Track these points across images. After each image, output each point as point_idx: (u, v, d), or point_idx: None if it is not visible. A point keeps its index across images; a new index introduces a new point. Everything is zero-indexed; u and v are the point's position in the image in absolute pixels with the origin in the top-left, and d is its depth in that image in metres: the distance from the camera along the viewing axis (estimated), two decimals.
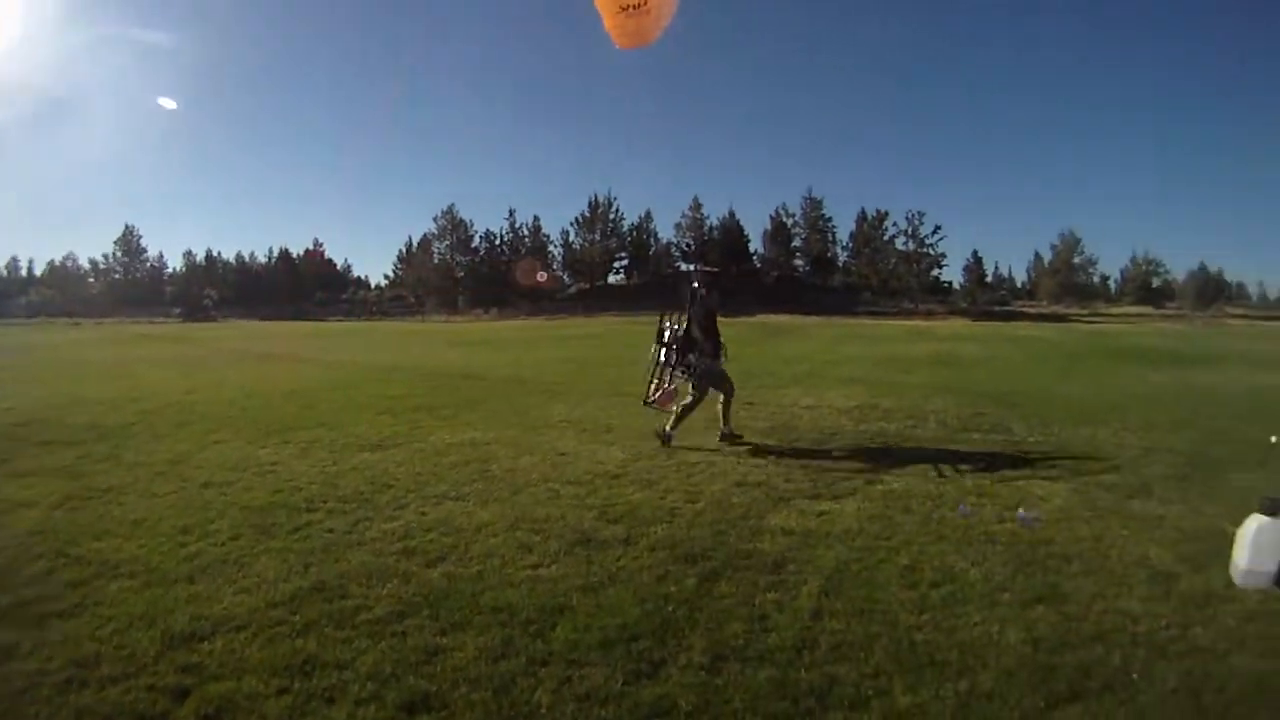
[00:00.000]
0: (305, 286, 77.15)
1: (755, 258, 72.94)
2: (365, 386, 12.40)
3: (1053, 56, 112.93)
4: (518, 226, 74.55)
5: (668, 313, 7.31)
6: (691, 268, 7.13)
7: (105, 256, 76.61)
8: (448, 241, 73.56)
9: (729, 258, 68.84)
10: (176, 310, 67.79)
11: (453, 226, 73.23)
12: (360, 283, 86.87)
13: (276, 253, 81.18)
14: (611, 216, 72.52)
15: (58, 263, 78.18)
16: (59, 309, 65.18)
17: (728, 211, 73.60)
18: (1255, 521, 3.71)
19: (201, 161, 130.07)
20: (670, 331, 7.12)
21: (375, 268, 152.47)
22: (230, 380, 13.69)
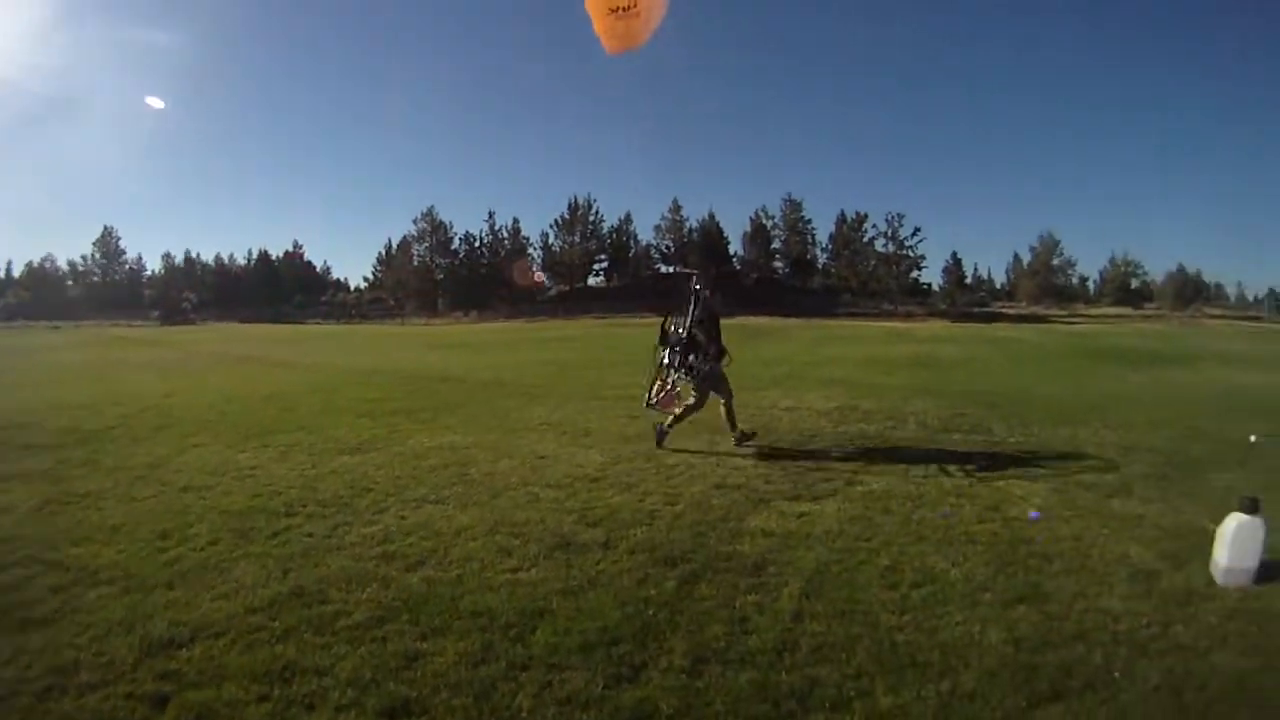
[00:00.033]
0: (284, 289, 76.63)
1: (735, 260, 72.96)
2: (344, 390, 12.31)
3: (1033, 59, 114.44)
4: (497, 229, 74.50)
5: (670, 315, 7.26)
6: (694, 270, 7.11)
7: (84, 258, 76.00)
8: (427, 244, 73.24)
9: (709, 259, 69.06)
10: (155, 313, 67.03)
11: (432, 228, 72.93)
12: (339, 285, 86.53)
13: (256, 255, 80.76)
14: (591, 218, 72.51)
15: (36, 264, 77.32)
16: (37, 312, 64.35)
17: (707, 213, 73.83)
18: (1235, 520, 3.74)
19: (180, 162, 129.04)
20: (673, 333, 7.08)
21: (355, 270, 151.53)
22: (209, 384, 13.58)
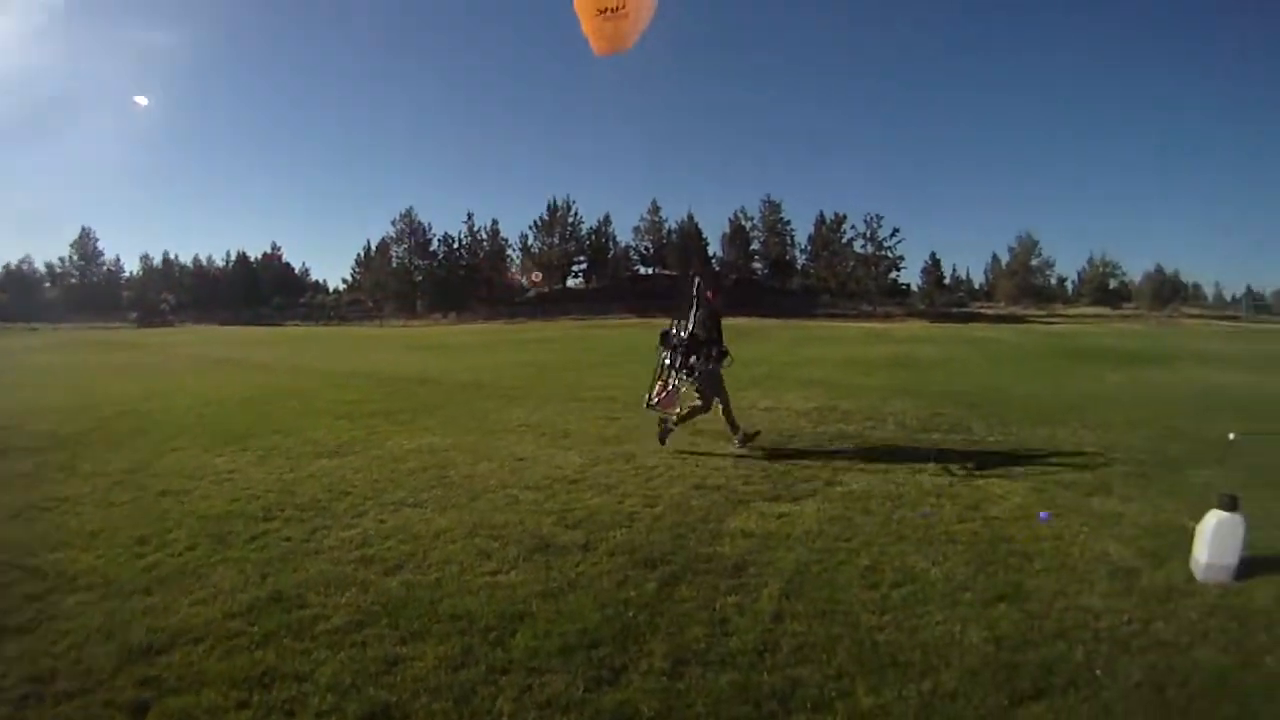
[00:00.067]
0: (263, 290, 76.07)
1: (714, 261, 72.96)
2: (323, 392, 12.22)
3: (1012, 61, 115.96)
4: (476, 230, 74.40)
5: (674, 316, 7.27)
6: (697, 273, 7.16)
7: (62, 260, 75.01)
8: (406, 245, 73.00)
9: (687, 261, 69.25)
10: (133, 315, 66.34)
11: (411, 230, 72.70)
12: (318, 287, 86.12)
13: (234, 256, 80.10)
14: (570, 220, 72.49)
15: (13, 266, 76.21)
16: (14, 313, 63.47)
17: (686, 215, 74.24)
18: (1214, 517, 3.78)
19: (158, 163, 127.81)
20: (675, 334, 7.09)
21: (333, 271, 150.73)
22: (187, 387, 13.44)
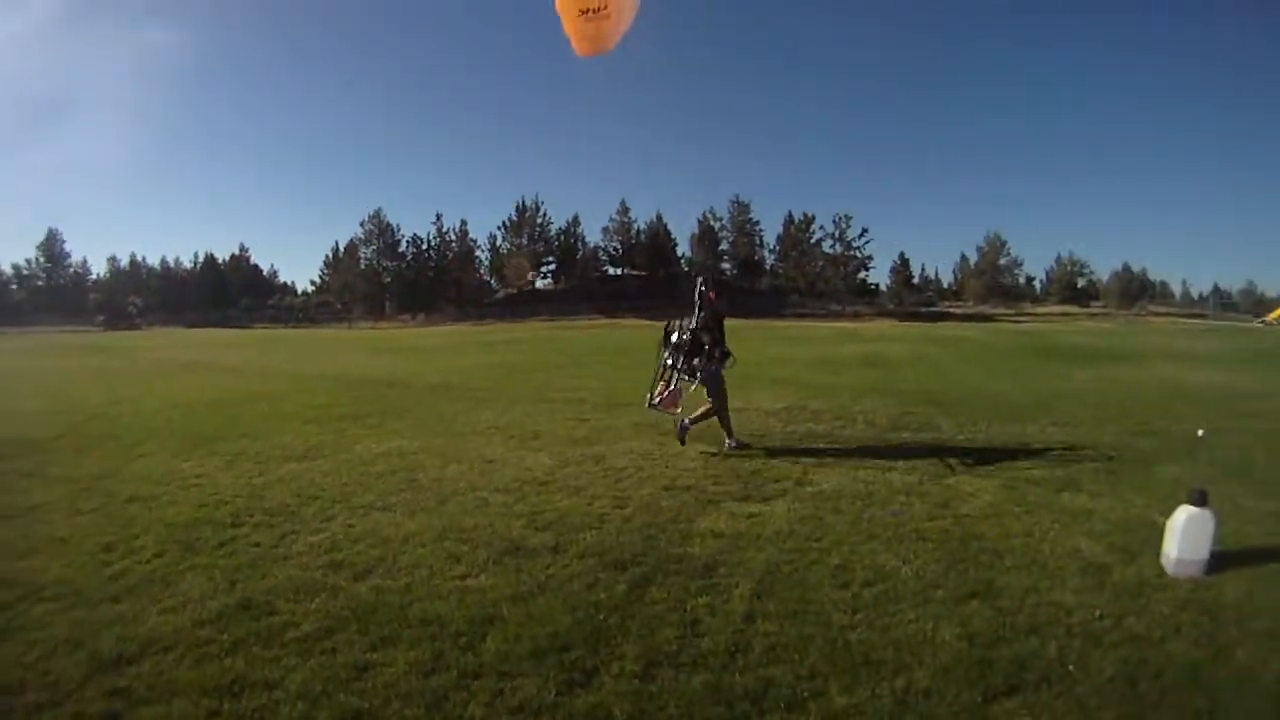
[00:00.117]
0: (230, 293, 75.06)
1: (682, 261, 73.22)
2: (291, 396, 12.10)
3: (980, 61, 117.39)
4: (445, 231, 73.88)
5: (675, 317, 7.33)
6: (700, 276, 7.18)
7: (28, 262, 73.31)
8: (375, 246, 72.21)
9: (656, 261, 69.30)
10: (100, 318, 64.93)
11: (379, 231, 71.95)
12: (286, 289, 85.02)
13: (201, 258, 78.89)
14: (539, 220, 72.15)
15: None
16: None
17: (655, 215, 73.92)
18: (1185, 512, 3.84)
19: (126, 163, 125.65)
20: (677, 335, 7.12)
21: (302, 273, 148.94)
22: (155, 391, 13.22)
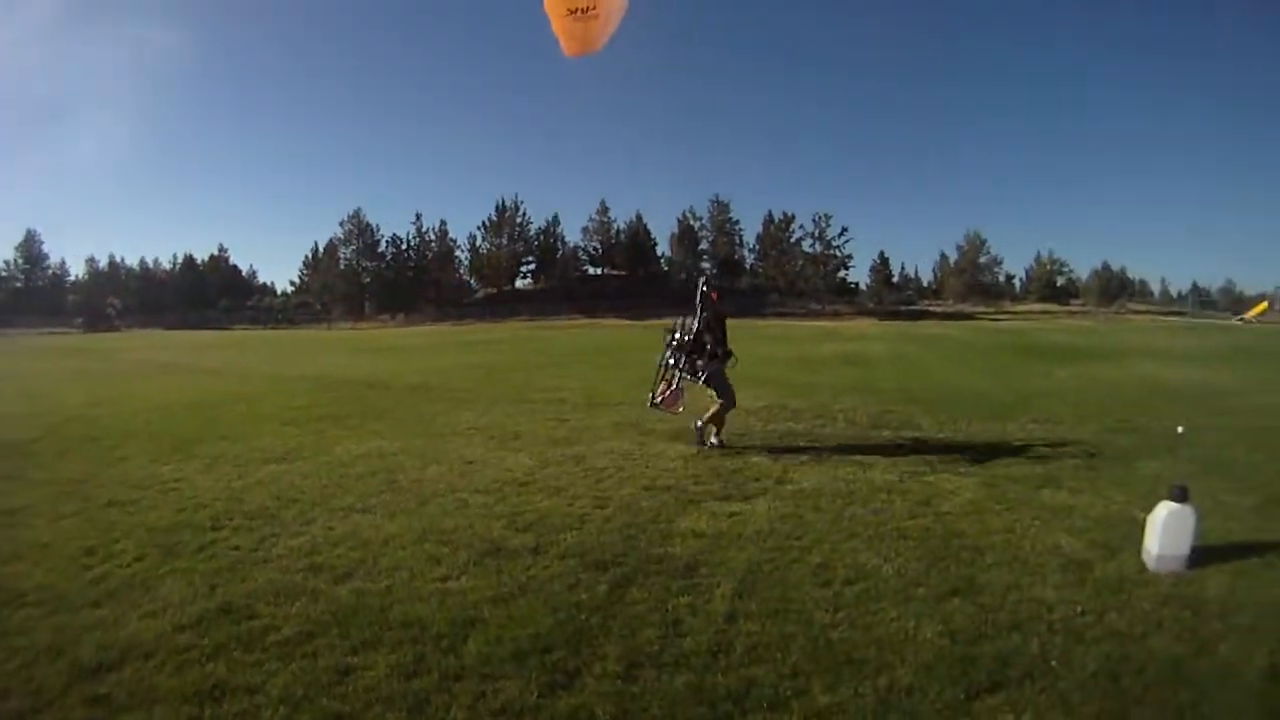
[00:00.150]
0: (210, 294, 74.27)
1: (662, 260, 72.92)
2: (270, 397, 12.03)
3: (959, 60, 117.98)
4: (424, 231, 73.27)
5: (678, 318, 7.33)
6: (703, 277, 7.22)
7: (6, 263, 72.13)
8: (354, 246, 71.39)
9: (636, 261, 69.13)
10: (79, 320, 64.03)
11: (359, 231, 71.18)
12: (266, 289, 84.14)
13: (180, 259, 78.00)
14: (519, 220, 71.71)
15: None
16: None
17: (635, 215, 73.54)
18: (1165, 508, 3.87)
19: (104, 164, 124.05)
20: (679, 335, 7.12)
21: (281, 274, 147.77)
22: (135, 393, 13.11)
